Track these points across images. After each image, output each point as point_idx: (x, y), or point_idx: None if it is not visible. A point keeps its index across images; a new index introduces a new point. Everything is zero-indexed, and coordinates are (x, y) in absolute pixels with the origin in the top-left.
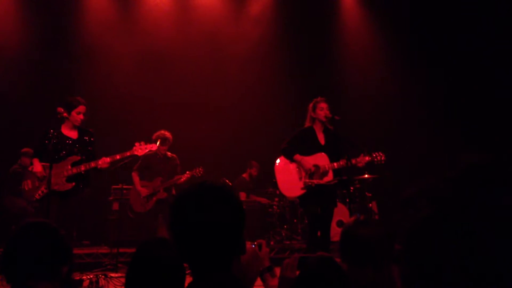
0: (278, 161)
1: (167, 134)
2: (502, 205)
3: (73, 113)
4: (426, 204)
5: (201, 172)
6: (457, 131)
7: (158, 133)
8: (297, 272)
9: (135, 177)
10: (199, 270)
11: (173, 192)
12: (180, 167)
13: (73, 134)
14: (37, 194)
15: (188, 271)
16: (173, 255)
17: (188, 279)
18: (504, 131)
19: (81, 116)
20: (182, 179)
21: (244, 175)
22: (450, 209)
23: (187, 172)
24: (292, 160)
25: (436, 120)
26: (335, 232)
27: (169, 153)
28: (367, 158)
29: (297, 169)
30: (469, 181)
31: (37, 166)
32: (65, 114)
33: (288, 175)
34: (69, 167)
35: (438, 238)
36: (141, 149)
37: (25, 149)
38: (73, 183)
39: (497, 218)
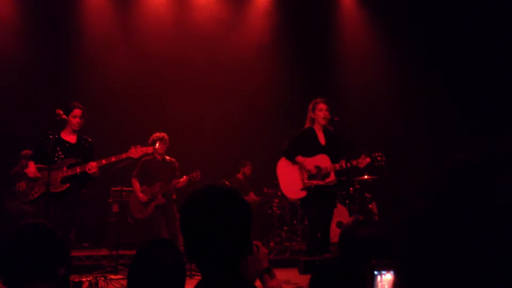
0: (279, 163)
1: (163, 134)
2: (493, 204)
3: (70, 117)
4: (421, 199)
5: (199, 176)
6: (457, 131)
7: (153, 136)
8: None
9: (135, 183)
10: (208, 271)
11: (173, 196)
12: (179, 171)
13: (71, 139)
14: (30, 195)
15: (189, 272)
16: (174, 255)
17: (189, 280)
18: (504, 130)
19: (77, 120)
20: (179, 184)
21: (238, 175)
22: (443, 205)
23: (184, 176)
24: (294, 161)
25: (436, 120)
26: (335, 234)
27: (167, 157)
28: (367, 160)
29: (299, 171)
30: (463, 180)
31: (30, 168)
32: (63, 116)
33: (290, 177)
34: (65, 168)
35: (431, 232)
36: (136, 152)
37: (24, 151)
38: (68, 184)
39: (488, 216)
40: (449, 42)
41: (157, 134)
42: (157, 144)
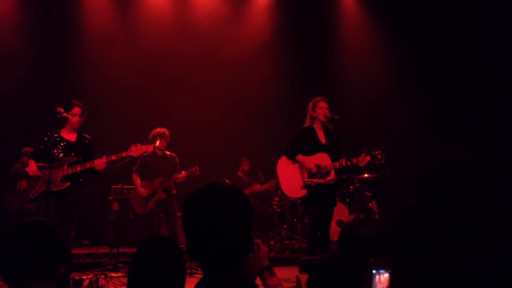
0: (280, 161)
1: (164, 130)
2: (471, 204)
3: (69, 115)
4: (414, 193)
5: (198, 171)
6: (457, 129)
7: (154, 131)
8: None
9: (136, 179)
10: (209, 269)
11: (174, 191)
12: (179, 165)
13: (71, 137)
14: (31, 194)
15: (189, 271)
16: (174, 253)
17: (189, 279)
18: (504, 128)
19: (77, 118)
20: (179, 179)
21: (238, 173)
22: (434, 200)
23: (183, 171)
24: (294, 160)
25: (436, 118)
26: (335, 232)
27: (168, 152)
28: (368, 158)
29: (300, 169)
30: (449, 177)
31: (31, 166)
32: (64, 114)
33: (290, 176)
34: (65, 167)
35: (423, 226)
36: (137, 150)
37: (25, 149)
38: (68, 183)
39: (468, 216)
40: (449, 41)
41: (158, 129)
42: (157, 142)
